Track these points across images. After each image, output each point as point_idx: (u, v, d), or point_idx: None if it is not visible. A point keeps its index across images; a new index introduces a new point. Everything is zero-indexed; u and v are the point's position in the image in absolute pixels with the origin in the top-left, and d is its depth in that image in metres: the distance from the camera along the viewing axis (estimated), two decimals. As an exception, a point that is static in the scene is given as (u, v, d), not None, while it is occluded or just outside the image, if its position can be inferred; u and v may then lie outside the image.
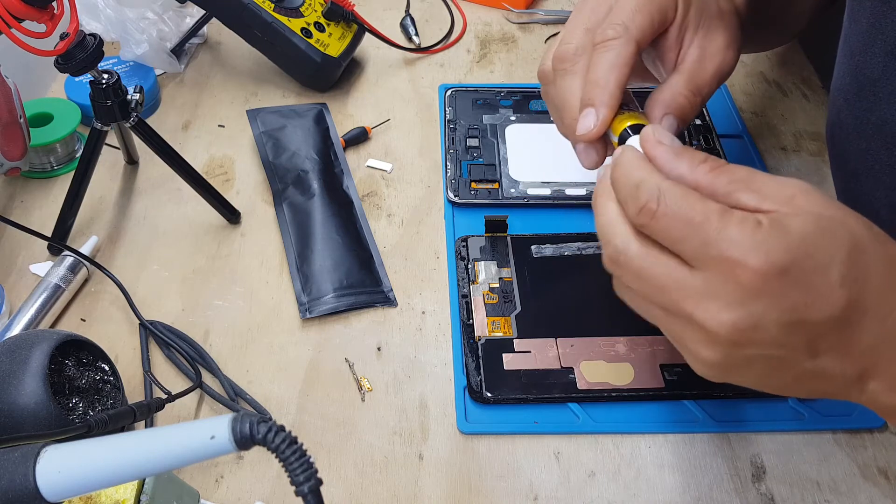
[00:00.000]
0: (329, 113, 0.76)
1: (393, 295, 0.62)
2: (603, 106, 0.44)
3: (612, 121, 0.44)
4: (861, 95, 0.50)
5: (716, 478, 0.51)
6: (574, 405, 0.54)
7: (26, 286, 0.61)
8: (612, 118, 0.44)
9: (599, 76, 0.45)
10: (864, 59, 0.49)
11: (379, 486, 0.51)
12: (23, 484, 0.30)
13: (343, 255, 0.63)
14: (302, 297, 0.61)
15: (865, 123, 0.50)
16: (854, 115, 0.52)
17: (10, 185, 0.70)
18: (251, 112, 0.74)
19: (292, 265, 0.63)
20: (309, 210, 0.66)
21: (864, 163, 0.52)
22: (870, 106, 0.49)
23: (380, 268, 0.63)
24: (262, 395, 0.55)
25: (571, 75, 0.47)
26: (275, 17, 0.75)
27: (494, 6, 0.92)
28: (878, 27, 0.48)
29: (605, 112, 0.44)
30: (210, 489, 0.50)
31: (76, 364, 0.51)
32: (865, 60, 0.49)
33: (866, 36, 0.49)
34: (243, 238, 0.66)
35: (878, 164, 0.50)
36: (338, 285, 0.61)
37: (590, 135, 0.44)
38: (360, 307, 0.61)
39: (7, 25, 0.49)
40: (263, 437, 0.30)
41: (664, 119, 0.47)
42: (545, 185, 0.68)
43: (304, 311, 0.60)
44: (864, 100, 0.50)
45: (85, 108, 0.72)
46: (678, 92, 0.47)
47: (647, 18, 0.46)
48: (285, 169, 0.70)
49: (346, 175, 0.71)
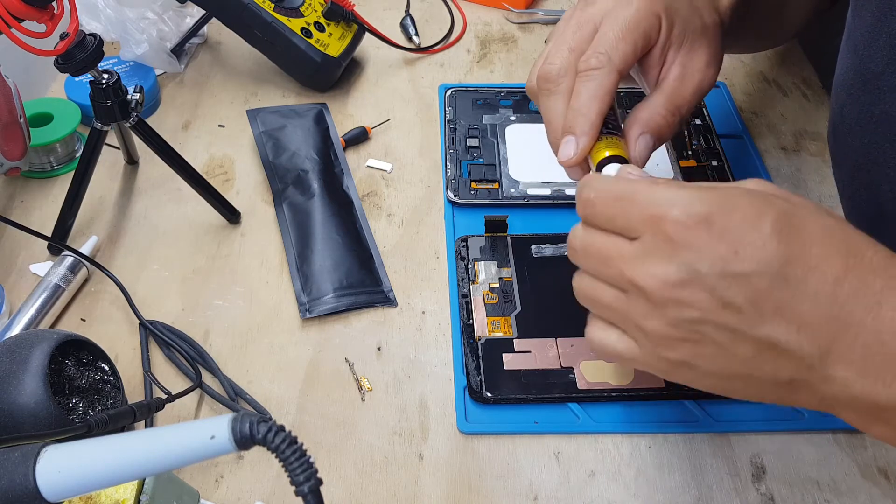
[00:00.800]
0: (329, 113, 0.76)
1: (393, 295, 0.62)
2: (584, 135, 0.47)
3: (591, 148, 0.47)
4: (865, 90, 0.51)
5: (716, 478, 0.51)
6: (574, 405, 0.54)
7: (26, 286, 0.61)
8: (591, 146, 0.47)
9: (581, 105, 0.47)
10: (868, 53, 0.50)
11: (379, 486, 0.51)
12: (23, 484, 0.30)
13: (343, 254, 0.63)
14: (302, 296, 0.61)
15: (869, 117, 0.51)
16: (858, 110, 0.52)
17: (10, 185, 0.70)
18: (251, 112, 0.74)
19: (292, 265, 0.63)
20: (309, 210, 0.66)
21: (868, 157, 0.52)
22: (874, 100, 0.50)
23: (380, 268, 0.63)
24: (262, 395, 0.55)
25: (555, 96, 0.49)
26: (275, 17, 0.75)
27: (494, 6, 0.92)
28: (882, 21, 0.48)
29: (585, 141, 0.47)
30: (210, 489, 0.50)
31: (76, 364, 0.51)
32: (869, 55, 0.50)
33: (870, 31, 0.49)
34: (243, 238, 0.66)
35: (882, 157, 0.50)
36: (338, 285, 0.61)
37: (569, 162, 0.47)
38: (361, 307, 0.61)
39: (7, 25, 0.49)
40: (263, 436, 0.30)
41: (640, 138, 0.49)
42: (545, 185, 0.68)
43: (304, 310, 0.60)
44: (868, 94, 0.50)
45: (85, 108, 0.72)
46: (656, 112, 0.50)
47: (630, 46, 0.48)
48: (285, 169, 0.70)
49: (347, 175, 0.71)
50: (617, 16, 0.49)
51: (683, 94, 0.51)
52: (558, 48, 0.50)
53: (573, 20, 0.50)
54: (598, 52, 0.48)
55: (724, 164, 0.70)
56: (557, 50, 0.50)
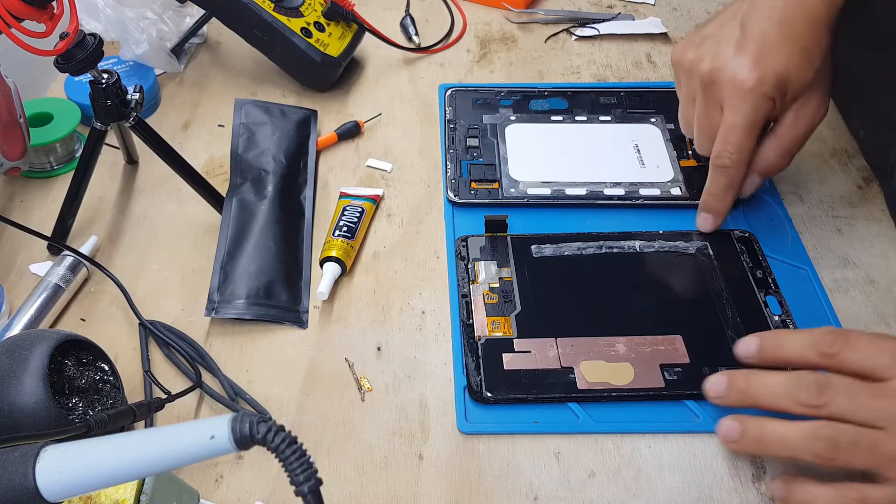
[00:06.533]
0: (316, 122, 0.75)
1: (307, 318, 0.60)
2: (719, 216, 0.63)
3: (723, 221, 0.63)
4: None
5: (716, 478, 0.51)
6: (574, 405, 0.54)
7: (26, 286, 0.61)
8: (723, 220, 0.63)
9: (718, 193, 0.61)
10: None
11: (379, 486, 0.51)
12: (23, 484, 0.30)
13: (271, 264, 0.62)
14: (214, 294, 0.60)
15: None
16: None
17: (10, 184, 0.70)
18: (239, 101, 0.74)
19: (218, 261, 0.62)
20: (255, 211, 0.65)
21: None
22: None
23: (305, 286, 0.62)
24: (261, 395, 0.55)
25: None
26: (275, 16, 0.75)
27: (494, 6, 0.92)
28: None
29: (720, 221, 0.63)
30: (210, 489, 0.50)
31: (76, 364, 0.51)
32: None
33: None
34: (243, 238, 0.66)
35: None
36: (253, 293, 0.60)
37: (707, 229, 0.64)
38: (268, 321, 0.59)
39: (7, 25, 0.49)
40: (263, 436, 0.30)
41: (749, 178, 0.62)
42: (545, 185, 0.68)
43: (210, 309, 0.59)
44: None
45: (85, 107, 0.72)
46: (767, 157, 0.61)
47: (752, 140, 0.59)
48: (249, 165, 0.69)
49: (308, 187, 0.69)
50: (737, 108, 0.57)
51: (795, 138, 0.60)
52: (702, 138, 0.62)
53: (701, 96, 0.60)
54: (730, 153, 0.59)
55: (724, 163, 0.70)
56: (703, 140, 0.62)
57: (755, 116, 0.57)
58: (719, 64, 0.57)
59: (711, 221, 0.63)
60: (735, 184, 0.60)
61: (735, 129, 0.58)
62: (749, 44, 0.56)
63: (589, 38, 0.87)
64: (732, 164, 0.59)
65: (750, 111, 0.57)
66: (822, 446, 0.45)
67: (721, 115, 0.58)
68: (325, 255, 0.62)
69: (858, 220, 0.67)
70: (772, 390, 0.48)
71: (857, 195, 0.69)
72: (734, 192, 0.61)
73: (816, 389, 0.46)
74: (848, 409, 0.45)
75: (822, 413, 0.46)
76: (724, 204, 0.62)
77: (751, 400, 0.49)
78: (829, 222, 0.66)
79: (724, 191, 0.61)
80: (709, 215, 0.63)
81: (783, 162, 0.61)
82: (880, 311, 0.60)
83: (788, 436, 0.46)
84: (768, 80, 0.56)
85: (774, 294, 0.59)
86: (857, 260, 0.63)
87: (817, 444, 0.45)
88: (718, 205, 0.62)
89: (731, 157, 0.59)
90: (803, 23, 0.56)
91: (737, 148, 0.58)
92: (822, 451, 0.45)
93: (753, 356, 0.51)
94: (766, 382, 0.48)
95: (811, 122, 0.59)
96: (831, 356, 0.47)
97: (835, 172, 0.71)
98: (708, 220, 0.63)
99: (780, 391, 0.47)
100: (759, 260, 0.62)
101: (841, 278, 0.62)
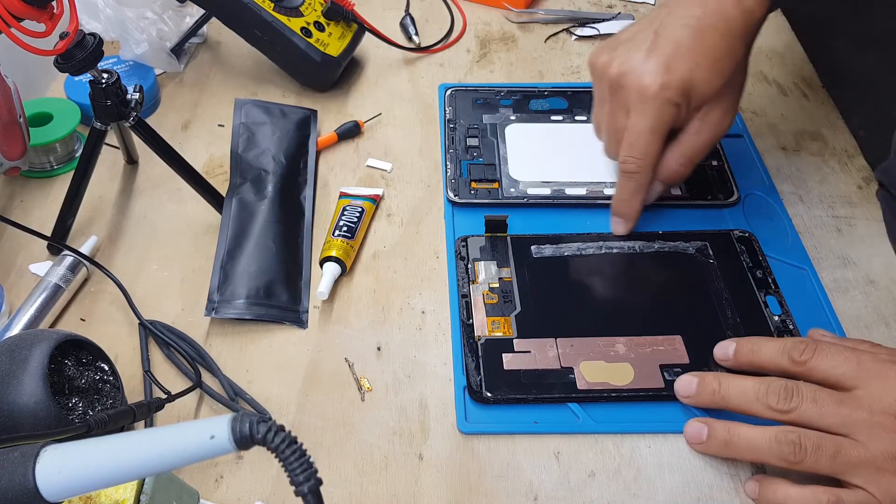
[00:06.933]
0: (316, 122, 0.75)
1: (307, 317, 0.60)
2: (630, 220, 0.63)
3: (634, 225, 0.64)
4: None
5: (716, 478, 0.51)
6: (574, 405, 0.54)
7: (26, 286, 0.61)
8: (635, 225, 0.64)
9: (626, 198, 0.62)
10: None
11: (379, 486, 0.51)
12: (22, 484, 0.30)
13: (271, 264, 0.62)
14: (214, 294, 0.59)
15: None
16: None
17: (10, 184, 0.70)
18: (239, 101, 0.74)
19: (218, 260, 0.62)
20: (255, 211, 0.65)
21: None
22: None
23: (305, 286, 0.62)
24: (261, 395, 0.55)
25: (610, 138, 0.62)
26: (274, 16, 0.75)
27: (494, 6, 0.92)
28: None
29: (631, 225, 0.63)
30: (210, 489, 0.50)
31: (76, 364, 0.50)
32: None
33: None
34: (243, 238, 0.66)
35: None
36: (253, 293, 0.60)
37: (619, 232, 0.63)
38: (268, 321, 0.59)
39: (7, 25, 0.49)
40: (263, 436, 0.30)
41: (653, 184, 0.62)
42: (545, 185, 0.68)
43: (210, 309, 0.59)
44: None
45: (85, 107, 0.72)
46: (669, 166, 0.61)
47: (660, 143, 0.59)
48: (249, 165, 0.69)
49: (308, 187, 0.69)
50: (642, 112, 0.57)
51: (697, 146, 0.60)
52: (610, 142, 0.62)
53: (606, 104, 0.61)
54: (636, 158, 0.59)
55: (723, 163, 0.70)
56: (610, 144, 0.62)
57: (659, 122, 0.57)
58: (627, 68, 0.57)
59: (623, 225, 0.63)
60: (642, 188, 0.61)
61: (639, 135, 0.58)
62: (659, 49, 0.56)
63: (589, 37, 0.87)
64: (638, 169, 0.59)
65: (654, 116, 0.57)
66: (787, 450, 0.46)
67: (627, 119, 0.58)
68: (324, 254, 0.62)
69: (858, 220, 0.67)
70: (742, 393, 0.49)
71: (857, 195, 0.69)
72: (642, 196, 0.61)
73: (785, 394, 0.47)
74: (814, 416, 0.46)
75: (789, 418, 0.47)
76: (632, 208, 0.62)
77: (721, 402, 0.50)
78: (829, 222, 0.67)
79: (632, 195, 0.61)
80: (619, 219, 0.63)
81: (684, 171, 0.61)
82: (880, 312, 0.60)
83: (755, 439, 0.47)
84: (673, 86, 0.56)
85: (774, 294, 0.59)
86: (857, 260, 0.63)
87: (783, 448, 0.46)
88: (627, 209, 0.62)
89: (637, 163, 0.59)
90: (719, 32, 0.56)
91: (641, 153, 0.58)
92: (787, 455, 0.46)
93: (729, 359, 0.53)
94: (736, 385, 0.49)
95: (715, 131, 0.59)
96: (801, 363, 0.48)
97: (835, 172, 0.71)
98: (619, 223, 0.63)
99: (750, 394, 0.48)
100: (758, 260, 0.62)
101: (841, 278, 0.62)
